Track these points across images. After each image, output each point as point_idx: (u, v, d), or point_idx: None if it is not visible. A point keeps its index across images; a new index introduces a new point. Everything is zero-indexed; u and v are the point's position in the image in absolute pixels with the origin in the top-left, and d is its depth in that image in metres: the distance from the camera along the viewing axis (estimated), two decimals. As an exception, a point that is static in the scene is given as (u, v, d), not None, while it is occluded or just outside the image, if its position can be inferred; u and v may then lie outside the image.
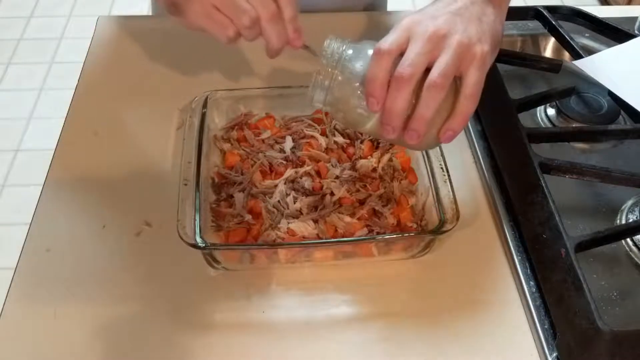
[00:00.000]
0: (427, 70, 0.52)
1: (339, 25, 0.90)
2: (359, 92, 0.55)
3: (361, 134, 0.72)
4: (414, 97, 0.53)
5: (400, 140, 0.55)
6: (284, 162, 0.69)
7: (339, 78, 0.55)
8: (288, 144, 0.70)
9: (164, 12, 0.64)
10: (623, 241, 0.64)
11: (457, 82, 0.54)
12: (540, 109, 0.80)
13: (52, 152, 0.73)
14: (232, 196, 0.65)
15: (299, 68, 0.81)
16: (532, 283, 0.61)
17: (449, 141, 0.55)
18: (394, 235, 0.62)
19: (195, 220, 0.59)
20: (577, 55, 0.79)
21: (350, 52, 0.56)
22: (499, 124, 0.73)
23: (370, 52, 0.54)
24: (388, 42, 0.53)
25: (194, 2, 0.58)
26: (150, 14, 1.04)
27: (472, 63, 0.53)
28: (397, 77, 0.52)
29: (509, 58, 0.81)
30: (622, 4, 2.27)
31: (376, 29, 0.92)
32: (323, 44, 0.56)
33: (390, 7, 1.04)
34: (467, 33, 0.54)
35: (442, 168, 0.64)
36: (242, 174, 0.68)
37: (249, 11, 0.57)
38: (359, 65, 0.55)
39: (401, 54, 0.53)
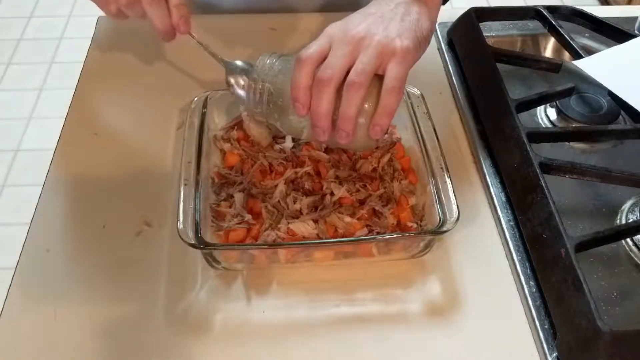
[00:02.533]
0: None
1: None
2: (288, 100, 0.58)
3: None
4: (339, 99, 0.55)
5: (334, 142, 0.58)
6: (284, 162, 0.69)
7: (270, 89, 0.59)
8: (288, 144, 0.70)
9: None
10: (623, 241, 0.64)
11: (381, 80, 0.55)
12: (540, 109, 0.80)
13: (52, 152, 0.73)
14: (232, 196, 0.65)
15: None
16: (532, 283, 0.61)
17: (378, 136, 0.57)
18: (394, 235, 0.62)
19: (195, 220, 0.59)
20: (577, 55, 0.80)
21: (278, 64, 0.60)
22: (499, 124, 0.73)
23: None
24: (309, 49, 0.56)
25: None
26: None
27: (391, 59, 0.55)
28: (318, 80, 0.55)
29: (509, 58, 0.81)
30: (622, 4, 2.27)
31: None
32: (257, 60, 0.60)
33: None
34: (387, 32, 0.56)
35: (442, 168, 0.64)
36: (242, 174, 0.68)
37: None
38: (287, 75, 0.58)
39: (324, 60, 0.55)
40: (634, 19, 0.89)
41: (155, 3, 0.62)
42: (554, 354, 0.56)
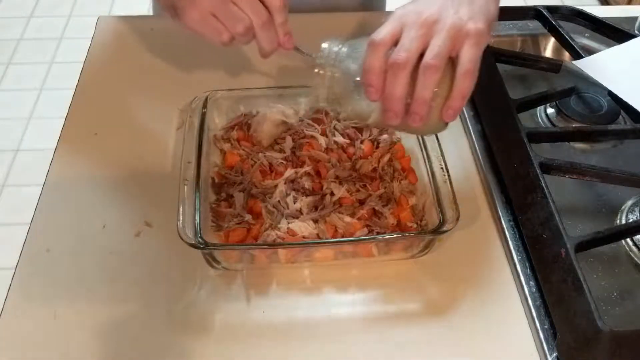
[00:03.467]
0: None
1: (336, 25, 0.90)
2: (358, 85, 0.57)
3: (361, 134, 0.72)
4: (412, 82, 0.54)
5: (405, 126, 0.57)
6: (284, 162, 0.69)
7: (337, 75, 0.58)
8: (288, 144, 0.70)
9: (164, 12, 0.65)
10: (623, 241, 0.64)
11: (454, 62, 0.55)
12: (540, 109, 0.80)
13: (52, 152, 0.73)
14: (232, 196, 0.65)
15: (298, 68, 0.81)
16: (532, 283, 0.61)
17: (451, 119, 0.56)
18: (394, 235, 0.62)
19: (195, 220, 0.59)
20: (577, 55, 0.79)
21: (345, 49, 0.58)
22: (499, 124, 0.73)
23: (366, 46, 0.56)
24: (381, 33, 0.55)
25: (192, 8, 0.61)
26: (150, 13, 1.04)
27: (465, 41, 0.54)
28: (393, 63, 0.53)
29: (509, 58, 0.81)
30: (622, 4, 2.27)
31: (374, 28, 0.92)
32: (320, 47, 0.59)
33: (388, 7, 1.05)
34: (459, 15, 0.55)
35: (442, 168, 0.64)
36: (242, 174, 0.68)
37: (244, 20, 0.60)
38: (355, 60, 0.57)
39: (395, 44, 0.55)
40: (634, 19, 0.89)
41: (267, 27, 0.62)
42: (554, 354, 0.56)
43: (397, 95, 0.54)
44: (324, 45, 0.59)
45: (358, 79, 0.56)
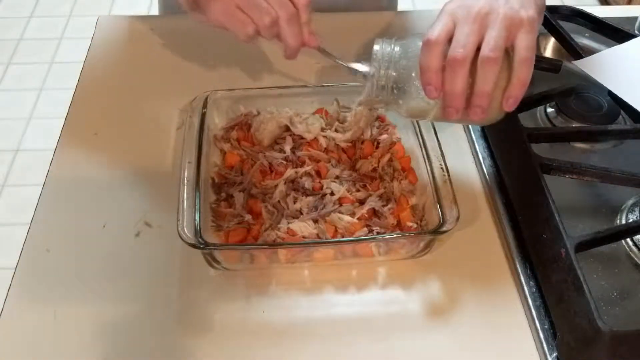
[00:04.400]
0: (479, 49, 0.54)
1: (352, 25, 0.90)
2: (415, 84, 0.57)
3: (362, 134, 0.72)
4: (471, 76, 0.55)
5: (465, 119, 0.58)
6: (284, 162, 0.69)
7: (394, 75, 0.59)
8: (288, 144, 0.70)
9: (168, 12, 0.65)
10: (623, 241, 0.64)
11: (510, 51, 0.55)
12: (540, 109, 0.79)
13: (52, 152, 0.73)
14: (232, 196, 0.65)
15: (298, 68, 0.81)
16: (532, 283, 0.61)
17: (512, 108, 0.56)
18: (394, 235, 0.62)
19: (195, 220, 0.59)
20: (577, 55, 0.79)
21: (398, 49, 0.59)
22: (499, 123, 0.73)
23: (419, 44, 0.57)
24: (435, 30, 0.55)
25: (217, 0, 0.61)
26: (150, 13, 1.04)
27: (520, 29, 0.55)
28: (451, 60, 0.54)
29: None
30: (622, 4, 2.27)
31: (389, 28, 0.92)
32: (372, 47, 0.59)
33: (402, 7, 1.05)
34: (510, 4, 0.56)
35: (442, 168, 0.64)
36: (242, 174, 0.68)
37: (270, 12, 0.60)
38: (410, 59, 0.58)
39: (449, 40, 0.55)
40: (634, 19, 0.89)
41: (292, 21, 0.62)
42: (554, 354, 0.56)
43: (457, 91, 0.55)
44: (376, 46, 0.59)
45: (413, 75, 0.57)
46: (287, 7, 0.61)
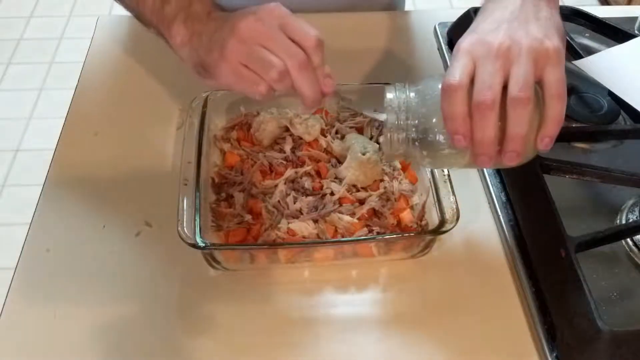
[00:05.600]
0: (505, 88, 0.50)
1: (356, 25, 0.90)
2: (439, 133, 0.52)
3: (362, 134, 0.72)
4: (500, 118, 0.50)
5: (497, 164, 0.53)
6: (284, 162, 0.69)
7: (414, 125, 0.53)
8: (288, 144, 0.70)
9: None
10: (623, 241, 0.64)
11: (536, 86, 0.51)
12: (540, 109, 0.79)
13: (52, 152, 0.73)
14: (232, 196, 0.65)
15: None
16: (532, 283, 0.61)
17: (548, 148, 0.52)
18: (394, 235, 0.62)
19: (195, 220, 0.59)
20: (577, 55, 0.79)
21: (414, 95, 0.54)
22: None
23: (438, 88, 0.51)
24: (456, 74, 0.50)
25: (222, 63, 0.56)
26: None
27: (547, 62, 0.50)
28: (479, 105, 0.49)
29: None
30: (622, 4, 2.27)
31: (395, 28, 0.92)
32: (385, 97, 0.54)
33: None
34: (532, 34, 0.51)
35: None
36: (242, 174, 0.68)
37: (277, 64, 0.54)
38: (430, 106, 0.53)
39: (471, 82, 0.50)
40: (634, 19, 0.89)
41: (304, 68, 0.54)
42: (554, 354, 0.56)
43: (489, 139, 0.50)
44: (389, 95, 0.54)
45: (435, 121, 0.52)
46: (295, 54, 0.54)
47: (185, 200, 0.60)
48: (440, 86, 0.51)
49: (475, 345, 0.58)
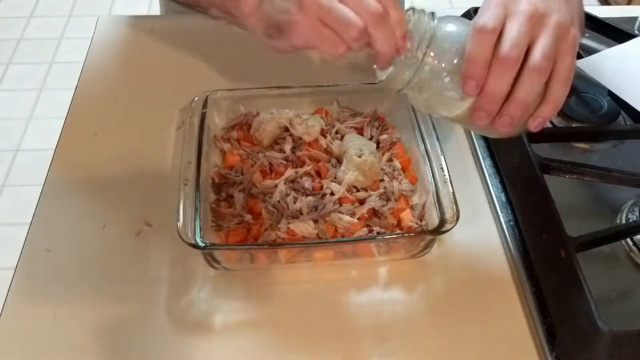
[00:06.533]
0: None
1: None
2: (452, 74, 0.50)
3: (362, 134, 0.72)
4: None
5: (486, 127, 0.52)
6: (284, 162, 0.69)
7: (429, 58, 0.51)
8: (288, 144, 0.70)
9: (170, 12, 0.62)
10: (623, 241, 0.64)
11: None
12: (540, 109, 0.79)
13: (52, 152, 0.73)
14: (232, 196, 0.65)
15: (298, 68, 0.81)
16: (532, 283, 0.61)
17: (539, 129, 0.52)
18: (394, 235, 0.62)
19: (195, 220, 0.59)
20: (577, 56, 0.79)
21: (444, 28, 0.52)
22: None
23: (466, 29, 0.50)
24: (490, 19, 0.50)
25: (300, 19, 0.53)
26: (151, 13, 1.04)
27: (566, 45, 0.51)
28: (503, 58, 0.48)
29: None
30: (622, 4, 2.27)
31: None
32: (411, 17, 0.52)
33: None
34: (562, 13, 0.51)
35: (442, 168, 0.64)
36: (242, 174, 0.68)
37: (356, 22, 0.52)
38: (455, 44, 0.51)
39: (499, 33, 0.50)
40: (634, 19, 0.89)
41: (380, 24, 0.52)
42: (554, 354, 0.56)
43: (500, 94, 0.49)
44: (414, 15, 0.52)
45: (456, 62, 0.50)
46: (374, 8, 0.52)
47: (185, 200, 0.60)
48: (467, 28, 0.51)
49: (475, 345, 0.58)
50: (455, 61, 0.50)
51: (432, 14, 0.53)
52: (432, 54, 0.51)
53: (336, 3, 0.52)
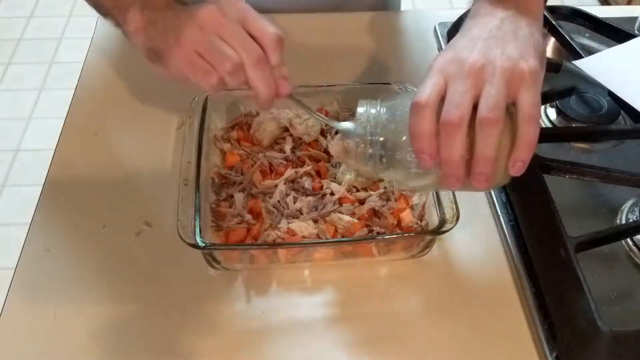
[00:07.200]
0: (476, 108, 0.48)
1: (357, 25, 0.90)
2: (408, 151, 0.50)
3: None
4: (470, 139, 0.48)
5: (468, 187, 0.51)
6: (284, 162, 0.69)
7: (381, 143, 0.52)
8: (288, 144, 0.70)
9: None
10: (623, 241, 0.64)
11: (510, 108, 0.49)
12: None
13: (52, 152, 0.73)
14: (232, 196, 0.65)
15: (298, 68, 0.81)
16: (532, 283, 0.61)
17: (520, 172, 0.50)
18: (394, 235, 0.62)
19: (195, 220, 0.59)
20: (577, 55, 0.80)
21: (385, 111, 0.52)
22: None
23: (409, 105, 0.50)
24: (425, 91, 0.49)
25: (176, 49, 0.54)
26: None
27: (522, 84, 0.48)
28: (445, 123, 0.47)
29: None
30: (622, 4, 2.27)
31: (395, 28, 0.92)
32: (356, 111, 0.53)
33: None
34: (507, 54, 0.49)
35: (442, 168, 0.64)
36: (242, 174, 0.68)
37: (232, 56, 0.53)
38: (399, 123, 0.51)
39: (442, 100, 0.49)
40: (634, 19, 0.89)
41: (260, 65, 0.54)
42: (554, 354, 0.56)
43: (455, 158, 0.48)
44: (360, 109, 0.53)
45: (404, 140, 0.50)
46: (252, 50, 0.53)
47: (185, 200, 0.60)
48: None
49: (475, 345, 0.58)
50: (404, 138, 0.50)
51: (378, 101, 0.54)
52: (381, 139, 0.52)
53: (215, 38, 0.53)
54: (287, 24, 0.90)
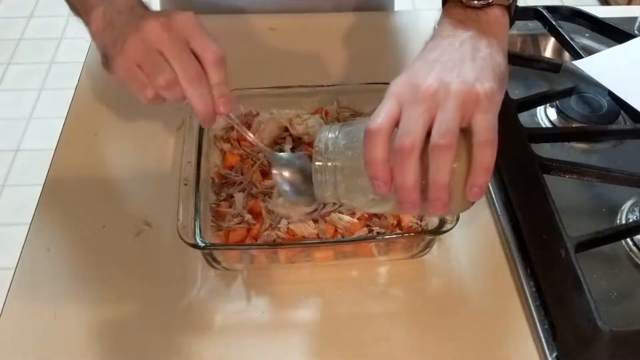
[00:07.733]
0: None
1: (356, 26, 0.90)
2: (364, 178, 0.49)
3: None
4: (424, 165, 0.47)
5: (428, 213, 0.50)
6: (284, 162, 0.69)
7: (339, 169, 0.52)
8: (288, 144, 0.70)
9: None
10: (623, 241, 0.64)
11: (467, 131, 0.48)
12: (540, 109, 0.79)
13: (52, 152, 0.73)
14: (232, 196, 0.65)
15: (298, 68, 0.81)
16: (532, 283, 0.61)
17: (478, 198, 0.49)
18: (394, 235, 0.62)
19: (195, 220, 0.59)
20: (577, 55, 0.79)
21: (341, 138, 0.52)
22: (499, 123, 0.73)
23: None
24: (378, 118, 0.48)
25: (119, 57, 0.55)
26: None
27: (476, 107, 0.47)
28: (398, 150, 0.46)
29: (509, 58, 0.81)
30: (622, 4, 2.27)
31: (395, 28, 0.92)
32: (315, 137, 0.53)
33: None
34: (462, 78, 0.48)
35: (442, 168, 0.64)
36: (242, 174, 0.68)
37: (166, 72, 0.53)
38: (356, 149, 0.51)
39: (397, 126, 0.48)
40: (634, 19, 0.89)
41: (196, 82, 0.53)
42: (554, 354, 0.56)
43: (409, 185, 0.47)
44: (319, 136, 0.53)
45: (361, 171, 0.49)
46: (189, 66, 0.53)
47: (185, 200, 0.60)
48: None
49: (475, 345, 0.58)
50: (360, 164, 0.49)
51: (338, 126, 0.53)
52: (339, 168, 0.51)
53: (154, 52, 0.53)
54: (287, 24, 0.90)
